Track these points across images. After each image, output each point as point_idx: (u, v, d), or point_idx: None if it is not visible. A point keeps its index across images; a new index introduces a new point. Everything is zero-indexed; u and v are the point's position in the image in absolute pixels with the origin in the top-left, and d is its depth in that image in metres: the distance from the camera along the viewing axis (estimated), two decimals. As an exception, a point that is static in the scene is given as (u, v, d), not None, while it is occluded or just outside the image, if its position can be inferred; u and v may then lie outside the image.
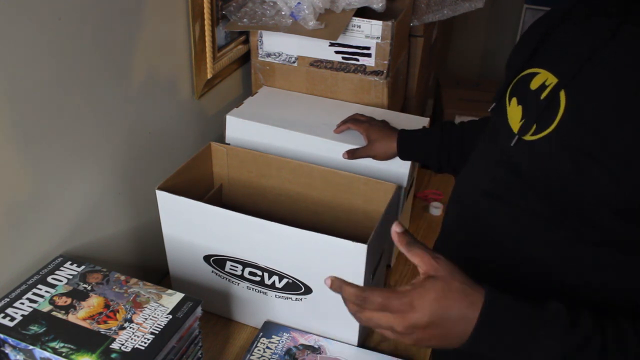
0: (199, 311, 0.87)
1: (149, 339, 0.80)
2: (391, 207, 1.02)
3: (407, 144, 1.10)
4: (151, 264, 1.17)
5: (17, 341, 0.78)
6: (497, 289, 0.61)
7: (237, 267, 1.00)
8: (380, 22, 1.22)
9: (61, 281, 0.88)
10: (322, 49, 1.30)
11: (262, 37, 1.33)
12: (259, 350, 0.99)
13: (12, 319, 0.81)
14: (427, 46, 1.59)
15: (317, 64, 1.32)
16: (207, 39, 1.20)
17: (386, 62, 1.26)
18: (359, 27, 1.24)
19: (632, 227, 0.63)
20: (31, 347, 0.77)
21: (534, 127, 0.69)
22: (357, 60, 1.28)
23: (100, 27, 0.92)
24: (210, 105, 1.31)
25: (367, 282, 0.94)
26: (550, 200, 0.68)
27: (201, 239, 1.00)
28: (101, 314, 0.83)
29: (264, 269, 0.98)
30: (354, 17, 1.23)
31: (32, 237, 0.89)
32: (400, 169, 1.13)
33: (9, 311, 0.82)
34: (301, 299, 0.99)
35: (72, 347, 0.77)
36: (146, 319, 0.83)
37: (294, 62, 1.34)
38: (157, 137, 1.14)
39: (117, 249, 1.09)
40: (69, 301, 0.85)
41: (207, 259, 1.02)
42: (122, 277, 0.90)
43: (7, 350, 0.80)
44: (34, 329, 0.79)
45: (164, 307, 0.85)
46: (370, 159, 1.14)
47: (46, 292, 0.86)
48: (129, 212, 1.10)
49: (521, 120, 0.72)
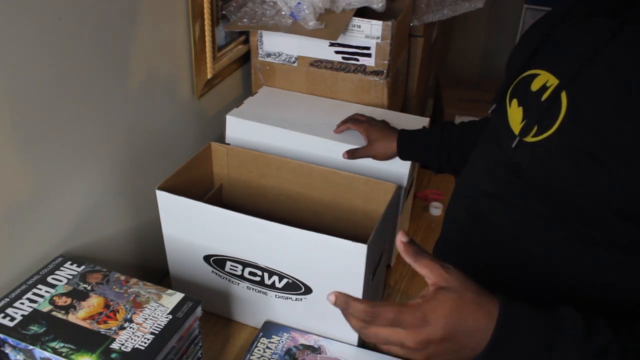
0: (199, 311, 0.87)
1: (149, 339, 0.80)
2: (391, 207, 1.02)
3: (407, 144, 1.10)
4: (151, 264, 1.17)
5: (17, 341, 0.78)
6: (509, 297, 0.59)
7: (237, 267, 1.00)
8: (380, 22, 1.22)
9: (61, 281, 0.88)
10: (322, 49, 1.30)
11: (262, 37, 1.33)
12: (259, 350, 0.99)
13: (12, 319, 0.81)
14: (427, 46, 1.59)
15: (317, 64, 1.32)
16: (207, 39, 1.20)
17: (386, 62, 1.26)
18: (359, 27, 1.24)
19: (633, 227, 0.63)
20: (31, 347, 0.77)
21: (535, 129, 0.69)
22: (357, 60, 1.28)
23: (100, 27, 0.92)
24: (210, 105, 1.31)
25: (367, 282, 0.94)
26: (550, 200, 0.68)
27: (201, 239, 1.00)
28: (101, 314, 0.83)
29: (264, 269, 0.98)
30: (354, 17, 1.23)
31: (32, 237, 0.89)
32: (400, 169, 1.13)
33: (9, 311, 0.82)
34: (301, 299, 0.99)
35: (72, 347, 0.77)
36: (146, 319, 0.83)
37: (294, 62, 1.34)
38: (157, 137, 1.14)
39: (117, 249, 1.09)
40: (69, 301, 0.85)
41: (207, 259, 1.02)
42: (122, 277, 0.90)
43: (7, 350, 0.80)
44: (34, 329, 0.79)
45: (164, 307, 0.85)
46: (370, 159, 1.14)
47: (46, 292, 0.86)
48: (129, 212, 1.10)
49: (522, 121, 0.72)
